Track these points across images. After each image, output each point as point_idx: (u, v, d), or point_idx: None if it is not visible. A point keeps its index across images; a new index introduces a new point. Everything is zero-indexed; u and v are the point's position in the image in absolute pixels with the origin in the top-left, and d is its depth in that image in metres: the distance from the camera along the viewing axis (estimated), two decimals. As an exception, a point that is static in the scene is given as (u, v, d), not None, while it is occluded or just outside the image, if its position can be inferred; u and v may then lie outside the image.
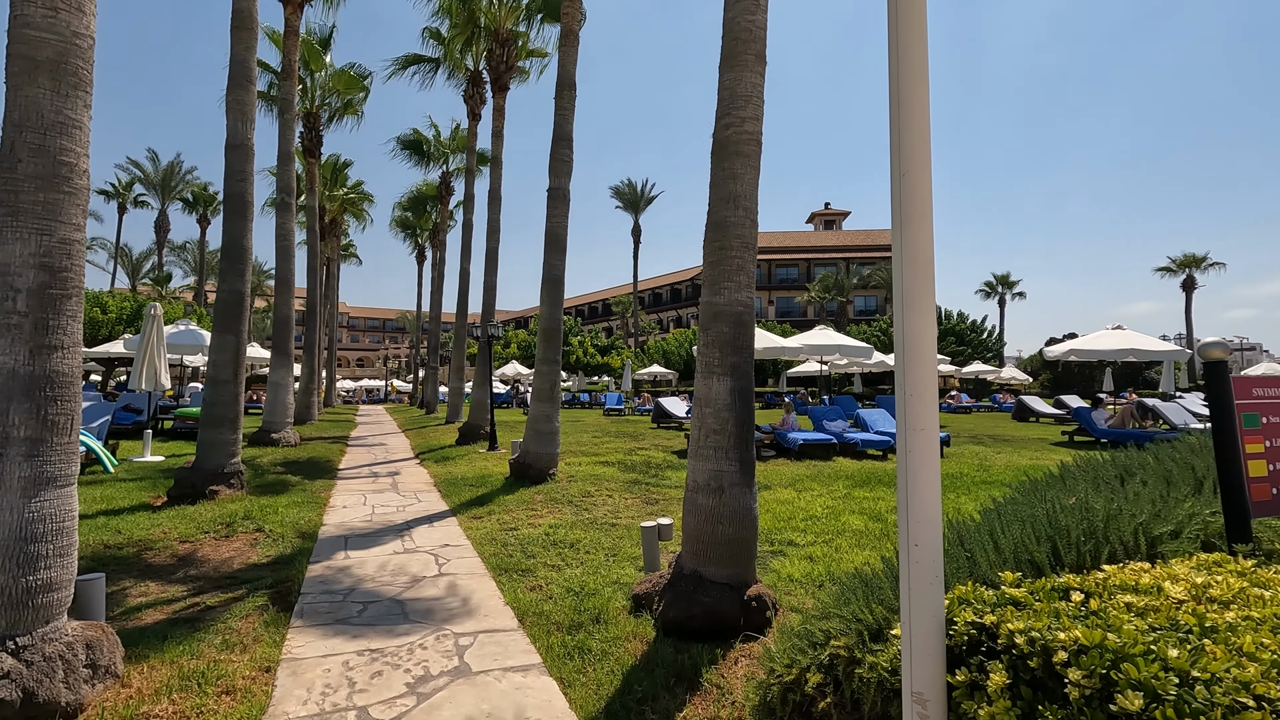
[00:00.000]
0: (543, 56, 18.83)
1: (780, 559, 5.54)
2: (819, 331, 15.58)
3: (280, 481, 9.23)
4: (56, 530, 3.06)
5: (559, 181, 9.86)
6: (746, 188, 4.34)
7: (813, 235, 65.39)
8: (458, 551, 5.89)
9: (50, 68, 3.06)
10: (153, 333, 10.65)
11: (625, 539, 6.20)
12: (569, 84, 9.97)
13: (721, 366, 4.25)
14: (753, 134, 4.37)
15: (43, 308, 3.03)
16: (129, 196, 53.07)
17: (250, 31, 8.52)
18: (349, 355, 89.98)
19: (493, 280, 16.17)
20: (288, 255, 14.30)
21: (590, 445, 13.91)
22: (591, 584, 4.85)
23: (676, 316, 71.89)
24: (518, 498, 8.19)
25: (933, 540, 2.08)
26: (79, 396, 3.21)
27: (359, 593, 4.76)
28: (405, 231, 39.38)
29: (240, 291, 8.35)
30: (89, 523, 6.51)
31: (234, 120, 8.35)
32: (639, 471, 10.20)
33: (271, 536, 6.34)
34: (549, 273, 9.89)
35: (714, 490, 4.18)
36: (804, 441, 11.63)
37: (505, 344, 47.82)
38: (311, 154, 21.27)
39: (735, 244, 4.30)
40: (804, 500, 7.94)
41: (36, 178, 3.02)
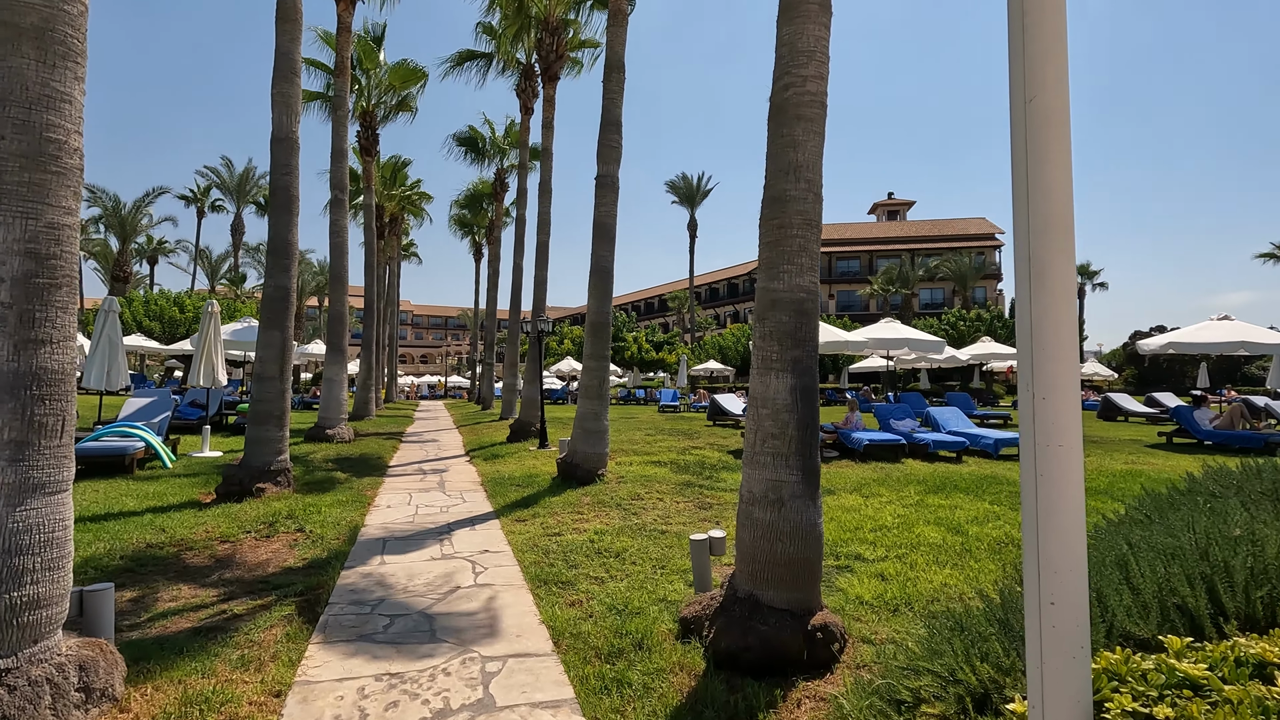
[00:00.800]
0: (594, 47, 18.51)
1: (846, 576, 4.96)
2: (885, 324, 14.70)
3: (328, 479, 9.16)
4: (46, 541, 2.80)
5: (607, 168, 9.44)
6: (809, 156, 3.79)
7: (875, 226, 63.20)
8: (496, 559, 5.54)
9: (35, 35, 2.79)
10: (210, 330, 10.81)
11: (675, 548, 5.73)
12: (617, 66, 9.53)
13: (781, 361, 3.72)
14: (816, 94, 3.81)
15: (28, 299, 2.77)
16: (207, 201, 55.82)
17: (295, 23, 8.41)
18: (413, 352, 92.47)
19: (544, 274, 15.92)
20: (341, 252, 14.41)
21: (642, 443, 13.48)
22: (636, 601, 4.40)
23: (734, 311, 70.81)
24: (564, 499, 7.82)
25: (1076, 598, 1.52)
26: (71, 395, 2.95)
27: (388, 604, 4.45)
28: (463, 229, 39.87)
29: (286, 287, 8.26)
30: (136, 520, 6.48)
31: (279, 113, 8.26)
32: (692, 473, 9.70)
33: (311, 538, 6.16)
34: (597, 264, 9.49)
35: (772, 503, 3.66)
36: (870, 442, 10.88)
37: (560, 340, 48.00)
38: (368, 152, 21.56)
39: (796, 221, 3.76)
40: (872, 507, 7.29)
41: (20, 156, 2.76)
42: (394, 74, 20.74)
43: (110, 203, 46.20)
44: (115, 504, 7.12)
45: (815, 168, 3.81)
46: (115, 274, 47.26)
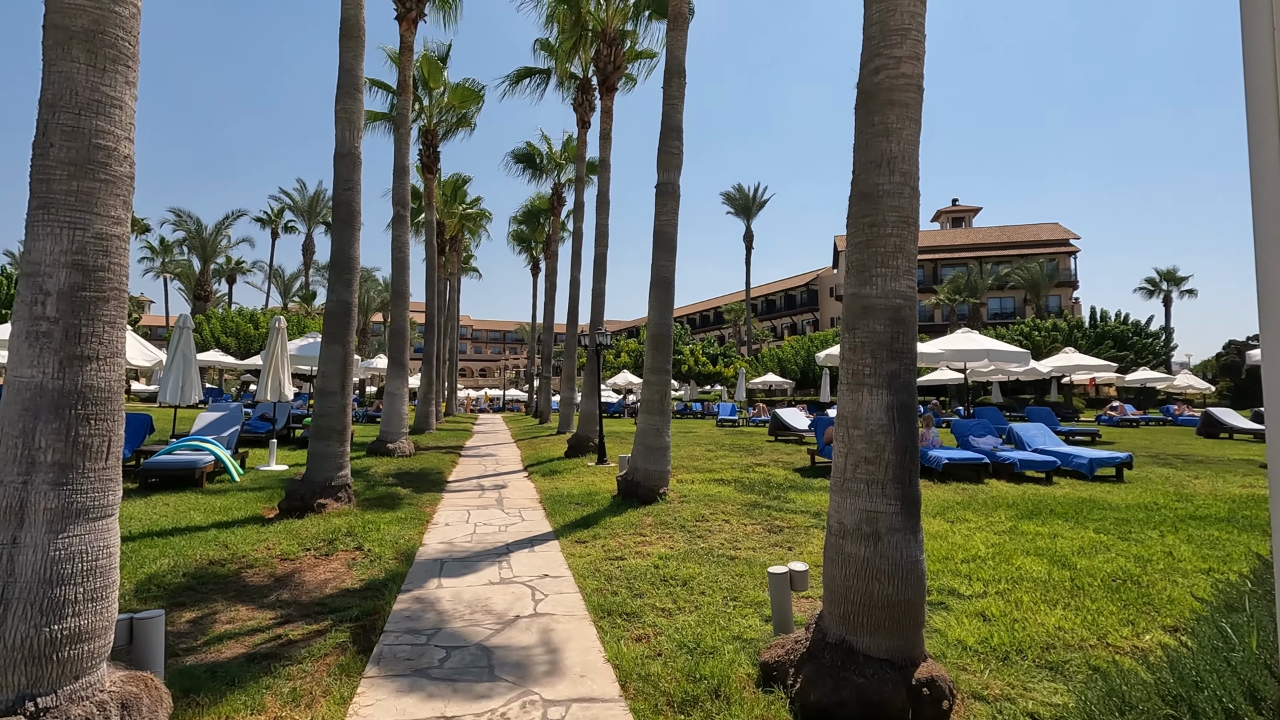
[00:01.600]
0: (651, 58, 18.40)
1: (942, 614, 4.44)
2: (962, 335, 13.87)
3: (388, 494, 9.10)
4: (89, 570, 2.64)
5: (668, 176, 9.15)
6: (905, 146, 3.38)
7: (939, 234, 61.04)
8: (556, 585, 5.24)
9: (85, 38, 2.68)
10: (277, 345, 11.02)
11: (746, 576, 5.31)
12: (678, 71, 9.26)
13: (875, 376, 3.30)
14: (911, 77, 3.40)
15: (75, 313, 2.63)
16: (280, 223, 58.51)
17: (358, 40, 8.48)
18: (472, 366, 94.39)
19: (601, 287, 15.77)
20: (403, 268, 14.59)
21: (703, 460, 13.05)
22: (709, 638, 4.02)
23: (791, 323, 69.54)
24: (625, 520, 7.49)
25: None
26: (119, 415, 2.80)
27: (444, 634, 4.20)
28: (521, 245, 40.38)
29: (347, 302, 8.27)
30: (201, 536, 6.48)
31: (342, 129, 8.32)
32: (758, 492, 9.23)
33: (369, 556, 6.01)
34: (658, 274, 9.18)
35: (867, 536, 3.23)
36: (949, 460, 10.16)
37: (616, 353, 47.96)
38: (429, 170, 21.99)
39: (891, 218, 3.35)
40: (959, 534, 6.68)
41: (69, 163, 2.64)
42: (454, 94, 21.13)
43: (193, 226, 48.96)
44: (183, 518, 7.18)
45: (911, 158, 3.40)
46: (197, 293, 49.96)
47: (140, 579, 5.10)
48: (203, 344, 35.96)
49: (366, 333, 53.84)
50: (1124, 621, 4.30)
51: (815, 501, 8.44)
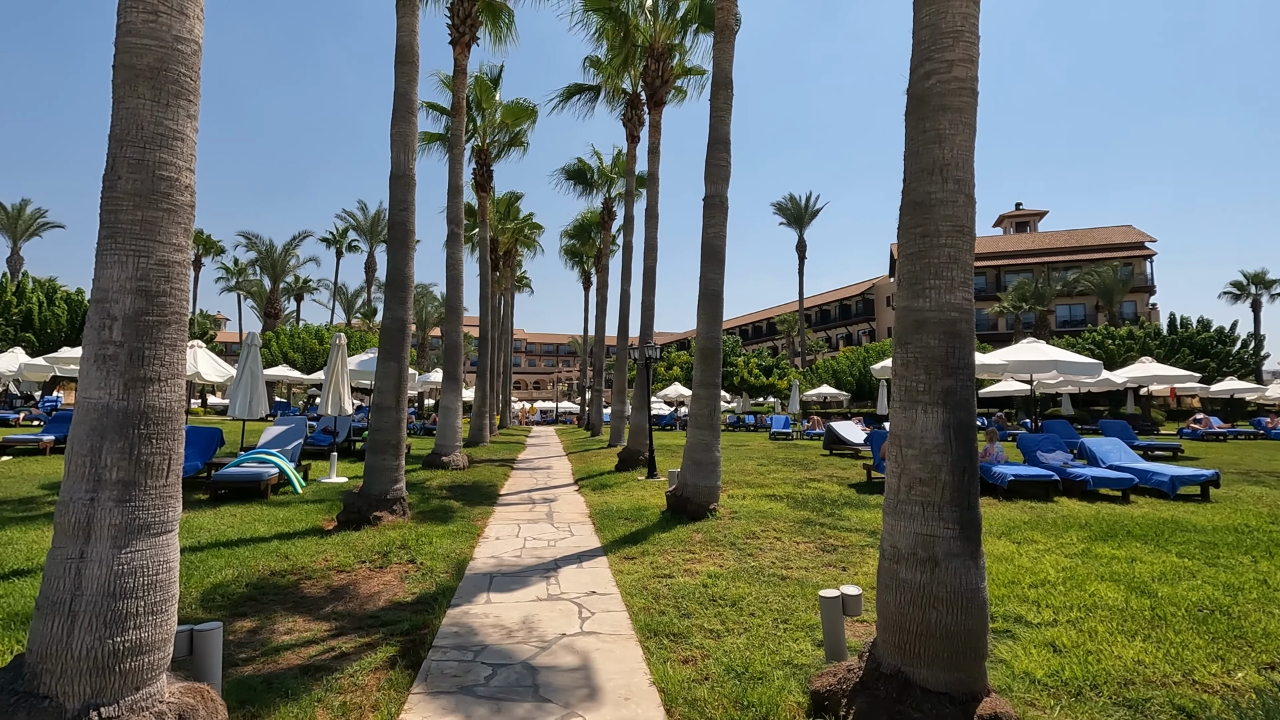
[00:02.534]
0: (699, 74, 18.43)
1: (1007, 643, 4.20)
2: (1028, 345, 13.26)
3: (442, 507, 9.26)
4: (150, 585, 2.74)
5: (716, 188, 9.10)
6: (958, 153, 3.24)
7: (1002, 240, 58.85)
8: (604, 602, 5.20)
9: (150, 75, 2.82)
10: (338, 361, 11.42)
11: (798, 598, 5.15)
12: (725, 83, 9.22)
13: (929, 394, 3.15)
14: (965, 81, 3.26)
15: (139, 337, 2.75)
16: (344, 242, 61.00)
17: (412, 65, 8.76)
18: (526, 379, 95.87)
19: (650, 300, 15.78)
20: (457, 284, 14.94)
21: (755, 475, 12.83)
22: (758, 663, 3.90)
23: (846, 334, 68.11)
24: (674, 536, 7.40)
25: None
26: (179, 434, 2.91)
27: (490, 652, 4.20)
28: (572, 259, 40.92)
29: (403, 319, 8.50)
30: (264, 547, 6.70)
31: (397, 152, 8.60)
32: (811, 509, 8.99)
33: (421, 569, 6.10)
34: (706, 287, 9.11)
35: (922, 562, 3.08)
36: (1015, 477, 9.69)
37: (667, 365, 47.90)
38: (483, 188, 22.52)
39: (944, 228, 3.21)
40: (1026, 556, 6.33)
41: (134, 195, 2.78)
42: (506, 112, 21.63)
43: (264, 247, 51.47)
44: (248, 529, 7.46)
45: (966, 165, 3.25)
46: (267, 310, 52.43)
47: (206, 588, 5.30)
48: (271, 359, 37.63)
49: (424, 347, 55.41)
50: (1212, 656, 3.97)
51: (872, 519, 8.17)
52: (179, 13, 2.90)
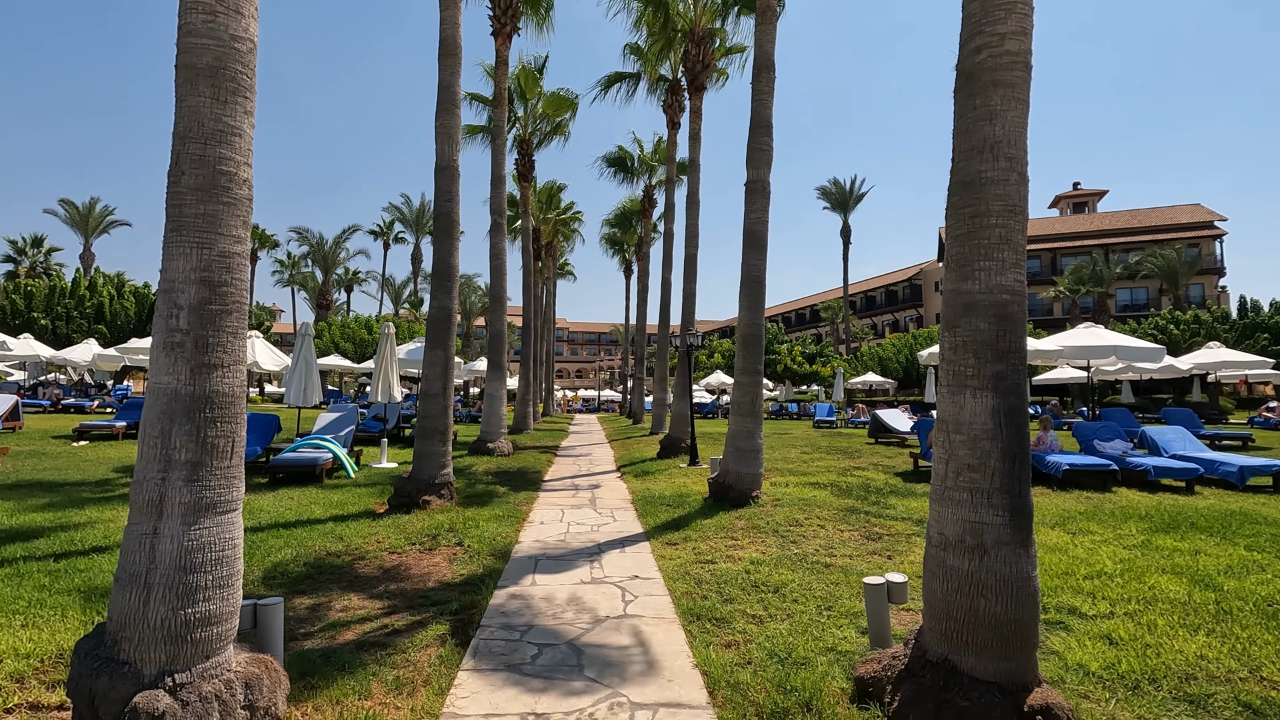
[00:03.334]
0: (740, 52, 18.18)
1: (1060, 635, 4.10)
2: (1086, 330, 12.75)
3: (487, 492, 9.46)
4: (216, 560, 2.89)
5: (758, 173, 8.99)
6: (1010, 129, 3.13)
7: (1058, 221, 56.58)
8: (646, 586, 5.25)
9: (209, 74, 2.94)
10: (386, 350, 11.73)
11: (842, 585, 5.12)
12: (767, 65, 9.08)
13: (978, 378, 3.08)
14: (1017, 54, 3.15)
15: (203, 325, 2.89)
16: (391, 234, 62.40)
17: (455, 58, 8.88)
18: (568, 367, 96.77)
19: (692, 287, 15.72)
20: (501, 274, 15.15)
21: (798, 462, 12.72)
22: (800, 648, 3.89)
23: (893, 320, 66.64)
24: (716, 523, 7.41)
25: None
26: (241, 418, 3.05)
27: (537, 631, 4.30)
28: (613, 248, 40.99)
29: (448, 308, 8.68)
30: (320, 528, 6.97)
31: (442, 144, 8.75)
32: (856, 497, 8.88)
33: (469, 552, 6.26)
34: (748, 273, 9.04)
35: (970, 550, 3.02)
36: (1070, 466, 9.37)
37: (709, 353, 47.70)
38: (525, 178, 22.72)
39: (995, 208, 3.11)
40: (1082, 547, 6.14)
41: (197, 189, 2.90)
42: (548, 103, 21.73)
43: (315, 240, 53.07)
44: (305, 511, 7.76)
45: (1018, 142, 3.15)
46: (319, 302, 54.15)
47: (267, 567, 5.55)
48: (324, 349, 38.86)
49: (469, 336, 56.44)
50: (1290, 656, 3.80)
51: (918, 508, 8.03)
52: (235, 12, 3.01)
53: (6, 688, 3.29)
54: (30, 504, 7.73)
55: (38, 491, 8.59)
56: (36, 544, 6.00)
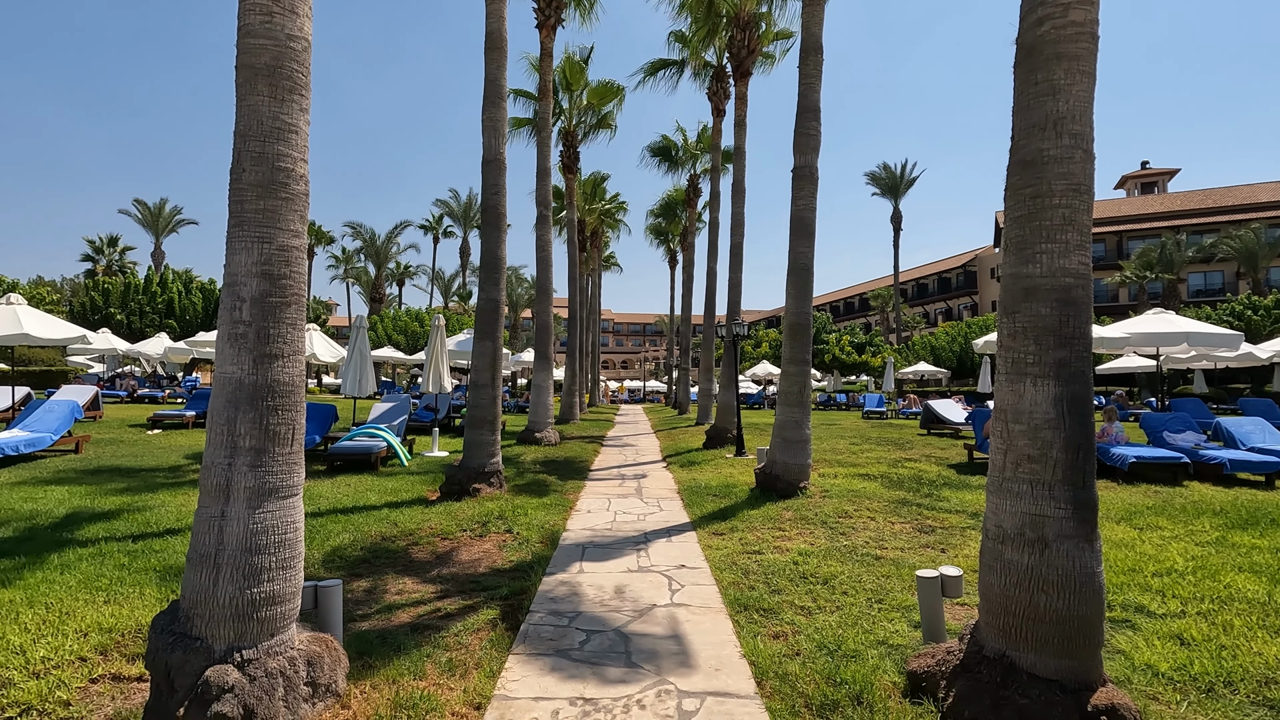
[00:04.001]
0: (786, 38, 17.85)
1: (1127, 634, 3.93)
2: (1154, 316, 12.13)
3: (535, 481, 9.60)
4: (279, 542, 3.01)
5: (805, 159, 8.81)
6: (1075, 104, 2.98)
7: (1124, 203, 53.85)
8: (693, 576, 5.25)
9: (267, 73, 3.03)
10: (437, 341, 12.00)
11: (893, 578, 5.01)
12: (815, 48, 8.87)
13: (1039, 365, 2.96)
14: (1083, 25, 3.00)
15: (264, 316, 3.00)
16: (440, 229, 63.67)
17: (501, 51, 8.96)
18: (614, 358, 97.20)
19: (738, 276, 15.57)
20: (546, 265, 15.29)
21: (847, 454, 12.51)
22: (850, 641, 3.84)
23: (945, 308, 64.72)
24: (763, 513, 7.36)
25: None
26: (301, 406, 3.16)
27: (584, 618, 4.35)
28: (658, 238, 40.92)
29: (496, 300, 8.81)
30: (376, 514, 7.19)
31: (488, 137, 8.85)
32: (907, 489, 8.69)
33: (518, 539, 6.36)
34: (795, 261, 8.89)
35: (1030, 543, 2.92)
36: (1137, 459, 8.95)
37: (755, 343, 47.23)
38: (570, 170, 22.83)
39: (1059, 187, 2.98)
40: (1150, 543, 5.87)
41: (257, 185, 3.01)
42: (593, 93, 21.77)
43: (368, 236, 54.56)
44: (361, 498, 8.02)
45: (1083, 118, 3.00)
46: (372, 295, 55.72)
47: (327, 551, 5.76)
48: (377, 341, 40.01)
49: (516, 328, 57.26)
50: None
51: (973, 501, 7.81)
52: (291, 12, 3.10)
53: (92, 659, 3.51)
54: (110, 488, 8.21)
55: (116, 477, 9.11)
56: (116, 525, 6.37)
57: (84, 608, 4.20)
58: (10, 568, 4.97)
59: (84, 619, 4.01)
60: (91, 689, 3.24)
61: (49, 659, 3.48)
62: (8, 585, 4.58)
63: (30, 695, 3.12)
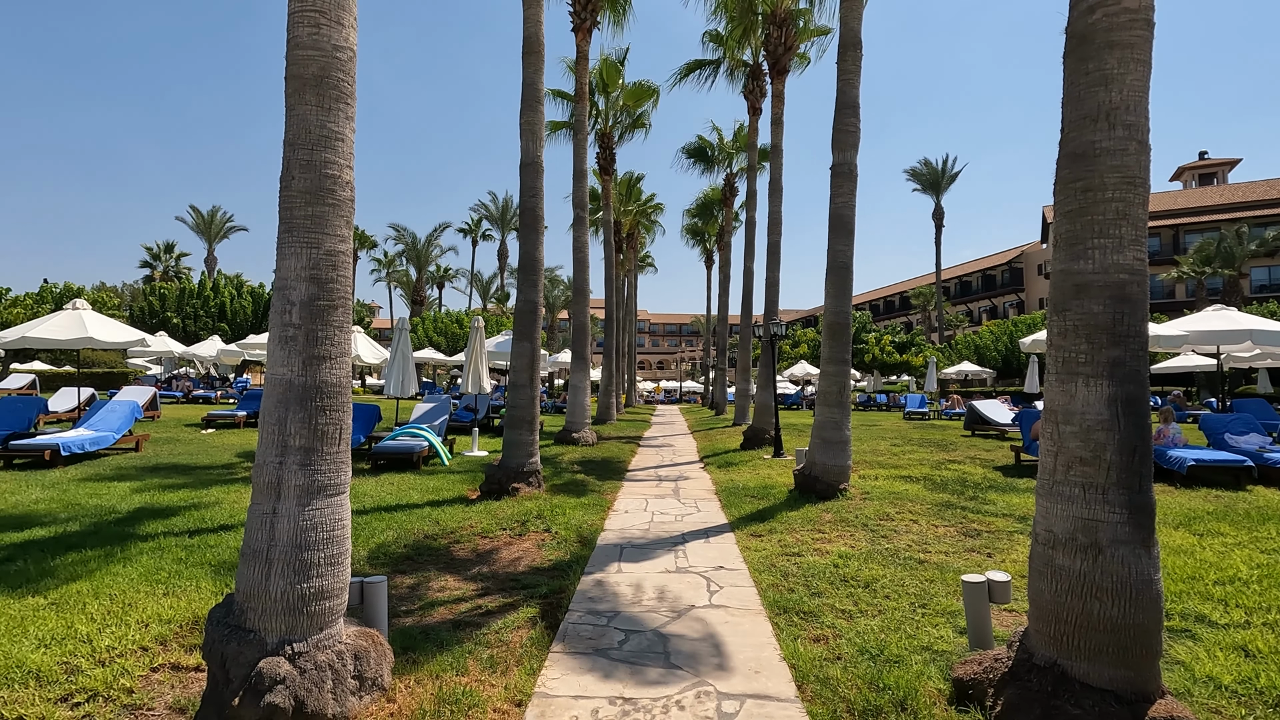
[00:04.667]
0: (824, 34, 17.62)
1: (1187, 644, 3.77)
2: (1214, 313, 11.61)
3: (573, 481, 9.67)
4: (328, 539, 3.09)
5: (844, 155, 8.69)
6: (1129, 94, 2.88)
7: (1180, 195, 51.64)
8: (731, 577, 5.22)
9: (315, 83, 3.12)
10: (476, 343, 12.18)
11: (937, 583, 4.91)
12: (853, 43, 8.74)
13: (1091, 365, 2.86)
14: (1137, 11, 2.89)
15: (312, 319, 3.09)
16: (479, 232, 64.68)
17: (538, 55, 9.06)
18: (650, 359, 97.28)
19: (775, 276, 15.42)
20: (583, 266, 15.39)
21: (888, 455, 12.28)
22: (893, 646, 3.77)
23: (990, 306, 63.02)
24: (802, 515, 7.27)
25: None
26: (347, 406, 3.24)
27: (623, 618, 4.36)
28: (694, 238, 40.85)
29: (534, 301, 8.91)
30: (418, 513, 7.34)
31: (526, 140, 8.96)
32: (951, 491, 8.49)
33: (556, 539, 6.42)
34: (834, 260, 8.77)
35: (1083, 549, 2.82)
36: (1197, 462, 8.58)
37: (794, 343, 46.73)
38: (606, 171, 22.94)
39: (1111, 180, 2.88)
40: (1211, 551, 5.62)
41: (306, 193, 3.10)
42: (628, 95, 21.84)
43: (409, 239, 55.70)
44: (404, 496, 8.19)
45: (1138, 108, 2.89)
46: (413, 298, 56.85)
47: (372, 548, 5.90)
48: (418, 343, 40.80)
49: (553, 329, 57.77)
50: None
51: (1021, 504, 7.59)
52: (336, 23, 3.19)
53: (153, 649, 3.66)
54: (167, 484, 8.55)
55: (173, 474, 9.49)
56: (173, 521, 6.63)
57: (145, 599, 4.39)
58: (78, 560, 5.23)
59: (145, 610, 4.18)
60: (152, 677, 3.38)
61: (113, 648, 3.64)
62: (77, 577, 4.81)
63: (96, 682, 3.27)
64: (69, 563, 5.17)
